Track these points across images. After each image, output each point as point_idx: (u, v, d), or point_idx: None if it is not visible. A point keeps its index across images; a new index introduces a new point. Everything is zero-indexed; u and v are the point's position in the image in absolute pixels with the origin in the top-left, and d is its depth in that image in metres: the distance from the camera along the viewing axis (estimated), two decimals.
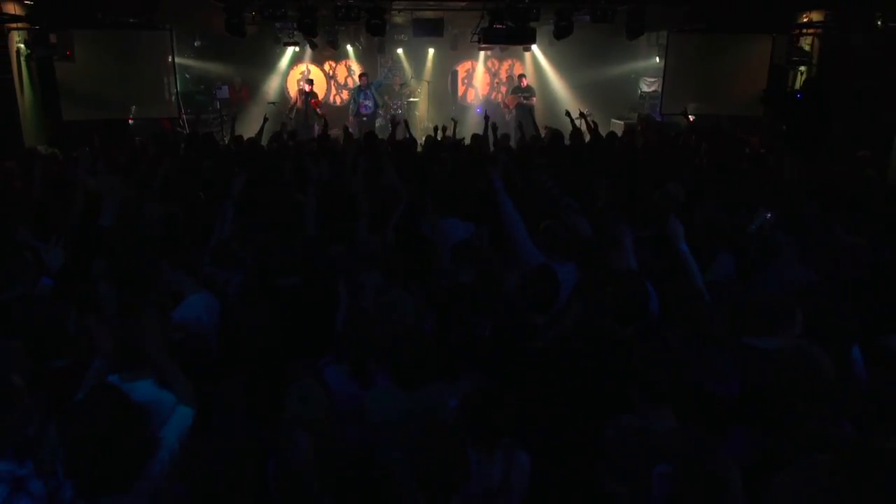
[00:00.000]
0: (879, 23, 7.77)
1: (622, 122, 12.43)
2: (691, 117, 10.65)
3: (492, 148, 7.69)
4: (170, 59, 10.22)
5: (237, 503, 2.04)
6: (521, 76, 13.20)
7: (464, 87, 15.10)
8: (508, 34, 9.74)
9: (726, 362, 2.92)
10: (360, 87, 12.61)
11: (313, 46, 13.08)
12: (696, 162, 7.56)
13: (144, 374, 2.61)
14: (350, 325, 2.97)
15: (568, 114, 8.71)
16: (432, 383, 2.69)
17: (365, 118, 12.35)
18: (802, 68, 9.77)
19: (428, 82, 14.59)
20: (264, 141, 8.37)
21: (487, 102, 14.37)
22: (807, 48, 9.72)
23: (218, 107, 12.58)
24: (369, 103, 12.45)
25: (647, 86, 13.27)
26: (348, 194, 4.94)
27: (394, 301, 3.06)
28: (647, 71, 13.40)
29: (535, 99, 12.84)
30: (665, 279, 3.51)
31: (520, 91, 12.86)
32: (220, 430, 2.37)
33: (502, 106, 14.11)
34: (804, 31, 9.74)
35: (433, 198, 4.83)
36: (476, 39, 10.54)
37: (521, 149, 7.94)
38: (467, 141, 8.42)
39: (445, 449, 2.08)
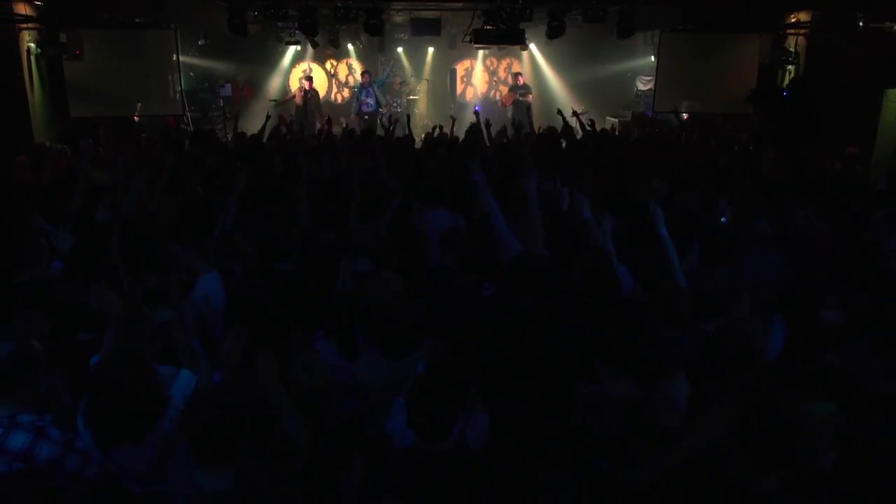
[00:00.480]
0: (861, 24, 7.99)
1: (616, 120, 12.67)
2: (685, 115, 10.93)
3: (487, 143, 7.93)
4: (174, 58, 10.42)
5: (234, 459, 2.25)
6: (518, 74, 13.38)
7: (463, 86, 15.33)
8: (499, 35, 9.97)
9: (686, 342, 3.19)
10: (362, 85, 12.80)
11: (314, 45, 13.32)
12: (684, 158, 7.78)
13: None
14: (340, 302, 3.24)
15: (560, 112, 8.92)
16: (416, 351, 2.92)
17: (367, 116, 12.53)
18: (790, 67, 10.01)
19: (427, 81, 14.83)
20: (266, 138, 8.63)
21: (486, 100, 14.58)
22: (791, 48, 9.95)
23: (221, 104, 12.84)
24: (371, 101, 12.62)
25: (644, 84, 13.39)
26: (344, 186, 5.20)
27: (382, 280, 3.31)
28: (643, 69, 13.51)
29: (531, 96, 13.01)
30: (641, 262, 3.78)
31: (516, 89, 13.06)
32: (220, 390, 2.61)
33: (500, 104, 14.34)
34: (791, 31, 9.97)
35: (424, 191, 5.09)
36: (468, 40, 10.75)
37: (510, 144, 8.18)
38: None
39: (438, 395, 2.27)
